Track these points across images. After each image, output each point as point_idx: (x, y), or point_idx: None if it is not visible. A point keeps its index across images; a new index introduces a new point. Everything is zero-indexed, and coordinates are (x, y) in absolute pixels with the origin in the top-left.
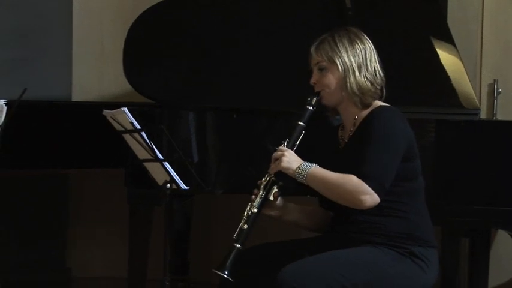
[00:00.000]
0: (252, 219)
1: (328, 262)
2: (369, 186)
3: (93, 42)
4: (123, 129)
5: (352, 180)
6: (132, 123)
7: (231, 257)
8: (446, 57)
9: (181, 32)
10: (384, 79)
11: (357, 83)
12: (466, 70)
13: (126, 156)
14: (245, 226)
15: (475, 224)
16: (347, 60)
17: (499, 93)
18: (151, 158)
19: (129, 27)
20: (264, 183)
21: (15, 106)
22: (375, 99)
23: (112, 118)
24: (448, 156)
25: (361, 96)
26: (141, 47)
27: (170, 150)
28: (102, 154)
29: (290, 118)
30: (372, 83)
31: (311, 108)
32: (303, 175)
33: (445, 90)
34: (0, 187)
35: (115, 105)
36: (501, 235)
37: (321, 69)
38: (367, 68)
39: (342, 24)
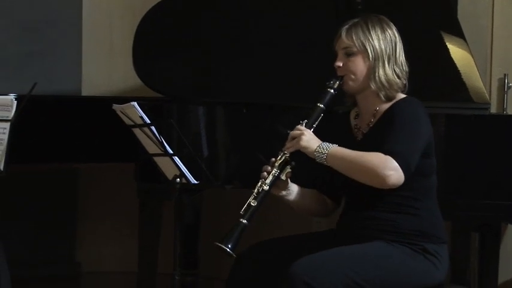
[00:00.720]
0: (262, 196)
1: (340, 257)
2: (396, 161)
3: (103, 37)
4: (132, 123)
5: (378, 155)
6: (141, 117)
7: (236, 232)
8: (457, 52)
9: (191, 26)
10: (407, 73)
11: (386, 75)
12: (476, 64)
13: (135, 151)
14: (254, 203)
15: (485, 219)
16: (378, 49)
17: (509, 87)
18: (161, 152)
19: (138, 22)
20: (279, 161)
21: (25, 101)
22: (398, 92)
23: (122, 112)
24: (457, 150)
25: (388, 89)
26: (151, 41)
27: (180, 144)
28: (112, 149)
29: (299, 113)
30: (398, 76)
31: (332, 91)
32: (324, 154)
33: (455, 85)
34: (10, 182)
35: (125, 99)
36: (511, 230)
37: (349, 54)
38: (395, 60)
39: (350, 19)
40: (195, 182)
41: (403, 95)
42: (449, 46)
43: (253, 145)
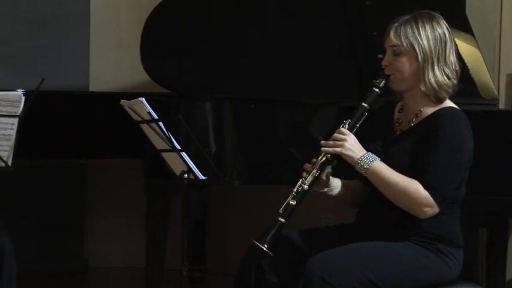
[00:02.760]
0: (301, 196)
1: (355, 255)
2: (432, 197)
3: (111, 32)
4: (140, 119)
5: (418, 190)
6: (149, 113)
7: (274, 231)
8: (465, 48)
9: (199, 21)
10: (459, 73)
11: (435, 77)
12: (484, 60)
13: (143, 147)
14: (293, 202)
15: (493, 215)
16: (427, 50)
17: None
18: (168, 148)
19: (146, 18)
20: (320, 161)
21: (33, 96)
22: (449, 94)
23: (130, 108)
24: None
25: (438, 91)
26: (159, 37)
27: (187, 140)
28: (119, 144)
29: (307, 109)
30: (449, 77)
31: (377, 90)
32: (365, 168)
33: (464, 81)
34: (18, 177)
35: (132, 95)
36: None
37: (397, 54)
38: (445, 61)
39: (359, 14)
40: (203, 177)
41: (450, 103)
42: (458, 42)
43: (261, 141)
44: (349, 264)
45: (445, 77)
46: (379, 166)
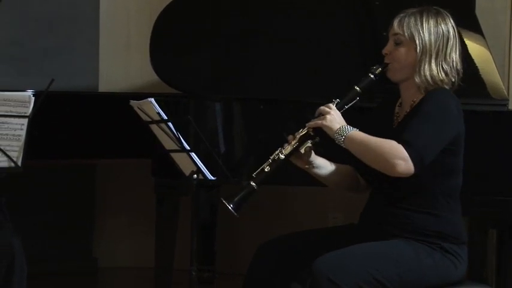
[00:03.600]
0: (276, 164)
1: (362, 255)
2: (407, 151)
3: (120, 33)
4: (150, 119)
5: (391, 143)
6: (158, 113)
7: (243, 193)
8: (475, 48)
9: (208, 22)
10: (461, 73)
11: (431, 70)
12: (494, 60)
13: (153, 147)
14: (267, 168)
15: (502, 216)
16: (427, 43)
17: None
18: (178, 148)
19: (155, 18)
20: (301, 134)
21: (43, 97)
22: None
23: (139, 108)
24: (475, 146)
25: (432, 85)
26: (168, 37)
27: (197, 140)
28: (129, 145)
29: (316, 109)
30: (446, 74)
31: (372, 76)
32: (342, 136)
33: (473, 81)
34: (27, 177)
35: (142, 95)
36: None
37: (397, 43)
38: (445, 57)
39: (368, 14)
40: (212, 177)
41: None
42: (467, 42)
43: (270, 141)
44: (355, 264)
45: (442, 73)
46: (355, 133)
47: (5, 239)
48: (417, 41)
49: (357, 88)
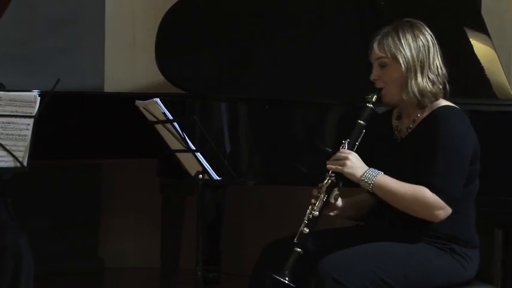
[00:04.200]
0: (313, 222)
1: (368, 255)
2: (442, 200)
3: (125, 33)
4: (155, 119)
5: (425, 196)
6: (164, 113)
7: (291, 261)
8: (480, 48)
9: (214, 22)
10: (446, 75)
11: (418, 85)
12: (500, 60)
13: (158, 147)
14: (306, 230)
15: (508, 216)
16: (410, 59)
17: None
18: (183, 148)
19: (160, 18)
20: (326, 185)
21: (48, 97)
22: (435, 100)
23: (144, 109)
24: (481, 147)
25: (420, 99)
26: (173, 37)
27: (202, 140)
28: (134, 144)
29: (322, 109)
30: (433, 83)
31: (371, 106)
32: (369, 184)
33: (479, 81)
34: (33, 177)
35: (147, 95)
36: None
37: (383, 66)
38: (429, 67)
39: (374, 14)
40: (218, 178)
41: (443, 102)
42: (473, 42)
43: (276, 141)
44: (361, 264)
45: (429, 84)
46: (383, 180)
47: (12, 238)
48: (400, 60)
49: (361, 122)
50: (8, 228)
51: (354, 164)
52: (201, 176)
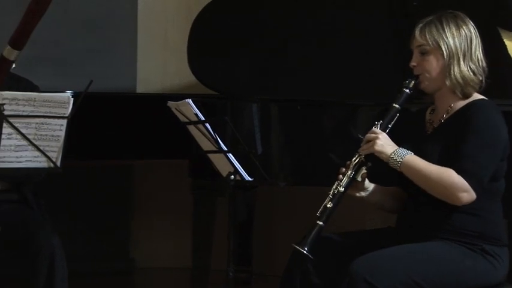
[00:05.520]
0: (338, 198)
1: (400, 257)
2: (468, 182)
3: (158, 34)
4: (187, 120)
5: (451, 176)
6: (196, 114)
7: (313, 234)
8: None
9: (246, 23)
10: (486, 70)
11: (461, 72)
12: None
13: (190, 148)
14: (330, 204)
15: None
16: (453, 47)
17: None
18: (215, 149)
19: (193, 19)
20: (354, 163)
21: (81, 98)
22: (475, 90)
23: (176, 109)
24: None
25: (464, 86)
26: (205, 38)
27: (234, 141)
28: (166, 145)
29: (353, 110)
30: (474, 73)
31: (408, 91)
32: (398, 162)
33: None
34: (65, 178)
35: (179, 96)
36: None
37: (423, 53)
38: (471, 57)
39: (406, 15)
40: (249, 178)
41: (479, 96)
42: (507, 42)
43: (307, 142)
44: (393, 266)
45: (471, 73)
46: (412, 159)
47: (45, 239)
48: (443, 47)
49: (396, 105)
50: (41, 229)
51: (384, 142)
52: (232, 176)
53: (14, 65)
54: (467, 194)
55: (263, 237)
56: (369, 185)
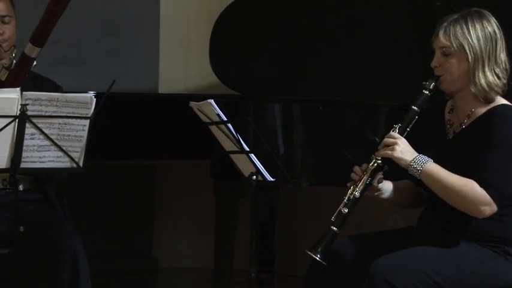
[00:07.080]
0: (353, 203)
1: (421, 257)
2: (490, 196)
3: (180, 34)
4: (209, 120)
5: (474, 189)
6: (218, 114)
7: (326, 240)
8: None
9: (268, 23)
10: (509, 71)
11: (486, 78)
12: None
13: (212, 148)
14: (345, 210)
15: None
16: (478, 50)
17: None
18: (237, 149)
19: (215, 20)
20: (371, 168)
21: (104, 98)
22: (499, 94)
23: (198, 110)
24: None
25: (488, 92)
26: (227, 38)
27: (256, 141)
28: (188, 145)
29: (376, 110)
30: (499, 77)
31: (427, 93)
32: (418, 170)
33: None
34: (88, 178)
35: (201, 97)
36: None
37: (446, 54)
38: (495, 60)
39: (429, 14)
40: (271, 179)
41: (502, 100)
42: None
43: (330, 142)
44: (414, 266)
45: (495, 77)
46: (433, 167)
47: (67, 239)
48: (468, 51)
49: (415, 108)
50: (63, 230)
51: (404, 149)
52: (254, 177)
53: (35, 63)
54: (489, 207)
55: (285, 238)
56: (383, 184)
